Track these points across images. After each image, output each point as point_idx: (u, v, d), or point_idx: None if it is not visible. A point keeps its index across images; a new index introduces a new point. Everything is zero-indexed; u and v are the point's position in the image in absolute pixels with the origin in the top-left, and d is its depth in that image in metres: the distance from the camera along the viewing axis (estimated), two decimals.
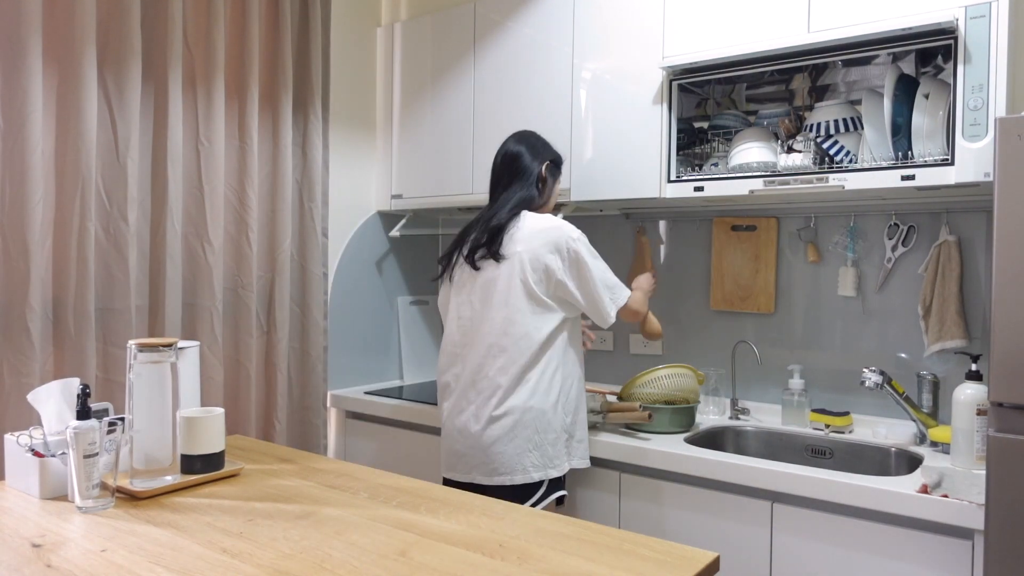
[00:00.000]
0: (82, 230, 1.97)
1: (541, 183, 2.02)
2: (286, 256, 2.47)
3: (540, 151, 2.04)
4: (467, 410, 1.91)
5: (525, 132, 2.09)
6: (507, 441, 1.85)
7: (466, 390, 1.92)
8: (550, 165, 2.04)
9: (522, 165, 2.00)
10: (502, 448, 1.85)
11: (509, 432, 1.85)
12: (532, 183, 2.00)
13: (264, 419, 2.46)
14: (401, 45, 2.83)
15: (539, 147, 2.05)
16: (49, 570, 1.12)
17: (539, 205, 2.03)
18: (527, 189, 1.99)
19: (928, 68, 2.02)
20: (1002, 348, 1.41)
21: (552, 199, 2.08)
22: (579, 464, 1.96)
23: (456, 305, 1.99)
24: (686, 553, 1.20)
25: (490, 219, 1.96)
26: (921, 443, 1.98)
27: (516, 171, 2.00)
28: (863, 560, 1.66)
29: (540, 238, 1.89)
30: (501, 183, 2.02)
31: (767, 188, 2.03)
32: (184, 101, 2.22)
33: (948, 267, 2.06)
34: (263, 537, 1.25)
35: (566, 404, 1.92)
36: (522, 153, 2.02)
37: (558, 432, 1.89)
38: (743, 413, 2.32)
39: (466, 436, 1.90)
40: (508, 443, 1.85)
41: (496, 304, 1.89)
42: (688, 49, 2.14)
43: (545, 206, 2.06)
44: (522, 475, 1.85)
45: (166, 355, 1.48)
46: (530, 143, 2.04)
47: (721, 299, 2.48)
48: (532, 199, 1.99)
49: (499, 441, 1.85)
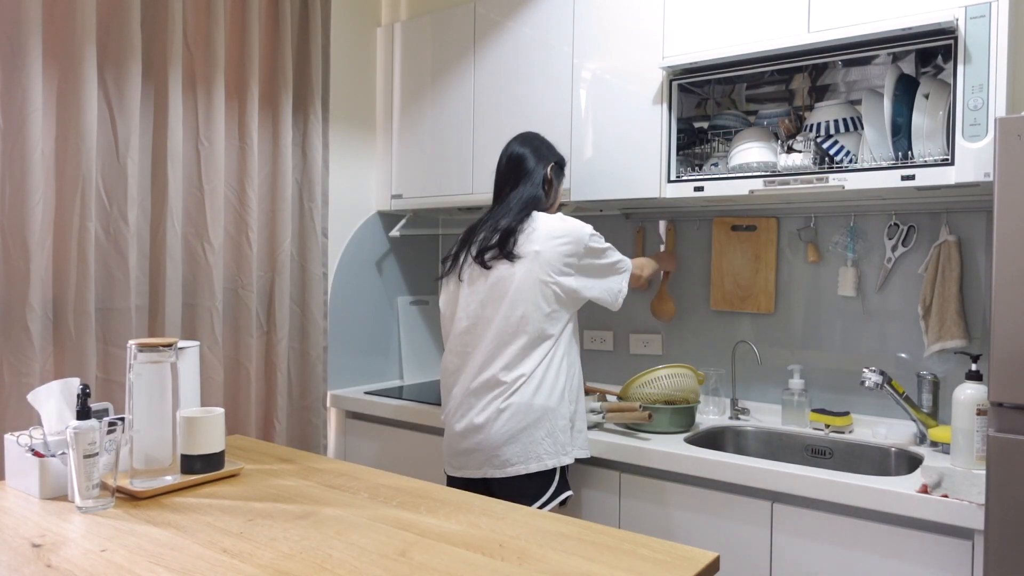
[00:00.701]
0: (82, 230, 1.97)
1: (547, 184, 2.04)
2: (286, 256, 2.47)
3: (544, 153, 2.05)
4: (476, 406, 1.91)
5: (529, 134, 2.10)
6: (520, 432, 1.86)
7: (476, 387, 1.92)
8: (555, 167, 2.06)
9: (528, 167, 2.02)
10: (515, 439, 1.86)
11: (521, 423, 1.86)
12: (538, 184, 2.02)
13: (264, 419, 2.46)
14: (401, 45, 2.83)
15: (543, 149, 2.06)
16: (49, 570, 1.12)
17: (547, 206, 2.04)
18: (534, 190, 2.00)
19: (928, 68, 2.02)
20: (1002, 348, 1.41)
21: (558, 200, 2.11)
22: (581, 453, 1.98)
23: (465, 304, 1.99)
24: (686, 553, 1.20)
25: (499, 220, 1.96)
26: (921, 443, 1.98)
27: (522, 172, 2.02)
28: (863, 560, 1.66)
29: (559, 239, 1.91)
30: (508, 184, 2.03)
31: (767, 188, 2.03)
32: (184, 101, 2.22)
33: (948, 267, 2.06)
34: (263, 537, 1.25)
35: (570, 393, 1.94)
36: (527, 155, 2.03)
37: (566, 420, 1.92)
38: (743, 413, 2.32)
39: (476, 432, 1.90)
40: (521, 434, 1.86)
41: (509, 302, 1.90)
42: (688, 49, 2.14)
43: (552, 207, 2.07)
44: (537, 463, 1.87)
45: (166, 355, 1.48)
46: (534, 145, 2.05)
47: (721, 299, 2.48)
48: (540, 200, 2.01)
49: (512, 432, 1.87)
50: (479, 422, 1.89)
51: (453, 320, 2.02)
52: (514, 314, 1.89)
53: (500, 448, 1.87)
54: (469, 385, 1.93)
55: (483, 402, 1.90)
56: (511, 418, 1.87)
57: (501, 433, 1.87)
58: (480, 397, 1.91)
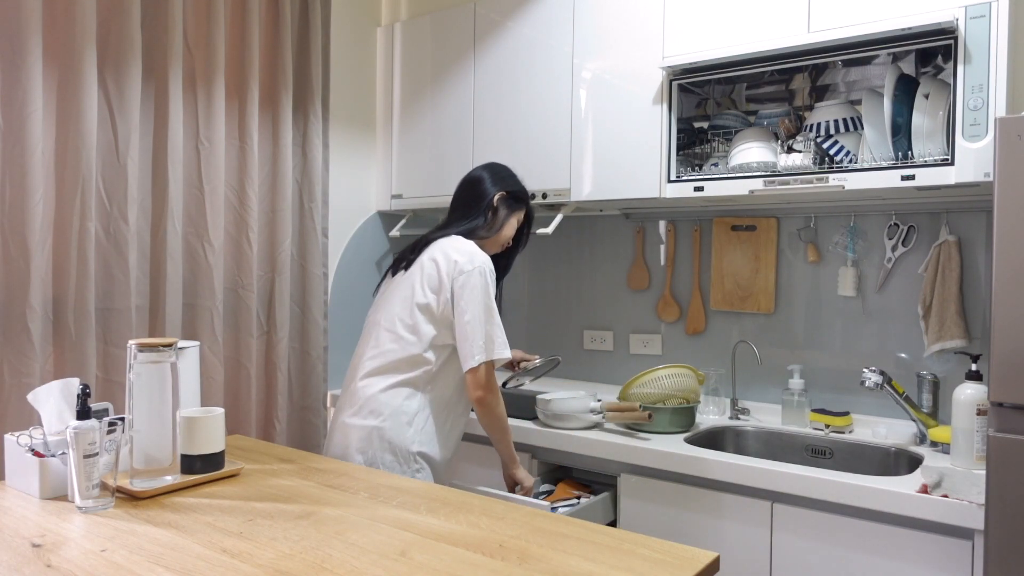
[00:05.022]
0: (82, 230, 1.97)
1: (492, 212, 1.93)
2: (286, 256, 2.47)
3: (503, 179, 1.96)
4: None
5: (496, 164, 2.03)
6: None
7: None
8: (505, 196, 1.94)
9: (478, 191, 1.94)
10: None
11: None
12: (482, 211, 1.92)
13: (264, 419, 2.46)
14: (401, 45, 2.83)
15: (503, 176, 1.97)
16: (49, 570, 1.12)
17: (483, 237, 1.92)
18: (473, 216, 1.92)
19: (928, 68, 2.02)
20: (1002, 348, 1.41)
21: (503, 233, 1.95)
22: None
23: (369, 315, 1.99)
24: (686, 553, 1.20)
25: (426, 234, 1.93)
26: (921, 443, 1.98)
27: (471, 197, 1.95)
28: (863, 560, 1.66)
29: (448, 255, 1.82)
30: (456, 205, 1.98)
31: (767, 188, 2.03)
32: (184, 101, 2.22)
33: (948, 267, 2.06)
34: (263, 537, 1.25)
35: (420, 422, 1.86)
36: (484, 179, 1.96)
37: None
38: (743, 413, 2.32)
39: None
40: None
41: (391, 311, 1.87)
42: (688, 49, 2.14)
43: (491, 239, 1.94)
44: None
45: (166, 355, 1.48)
46: (495, 171, 1.98)
47: (721, 299, 2.49)
48: (476, 228, 1.91)
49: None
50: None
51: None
52: (387, 319, 1.86)
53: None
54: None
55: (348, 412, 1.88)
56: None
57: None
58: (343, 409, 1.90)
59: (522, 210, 1.99)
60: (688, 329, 2.57)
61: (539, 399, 2.21)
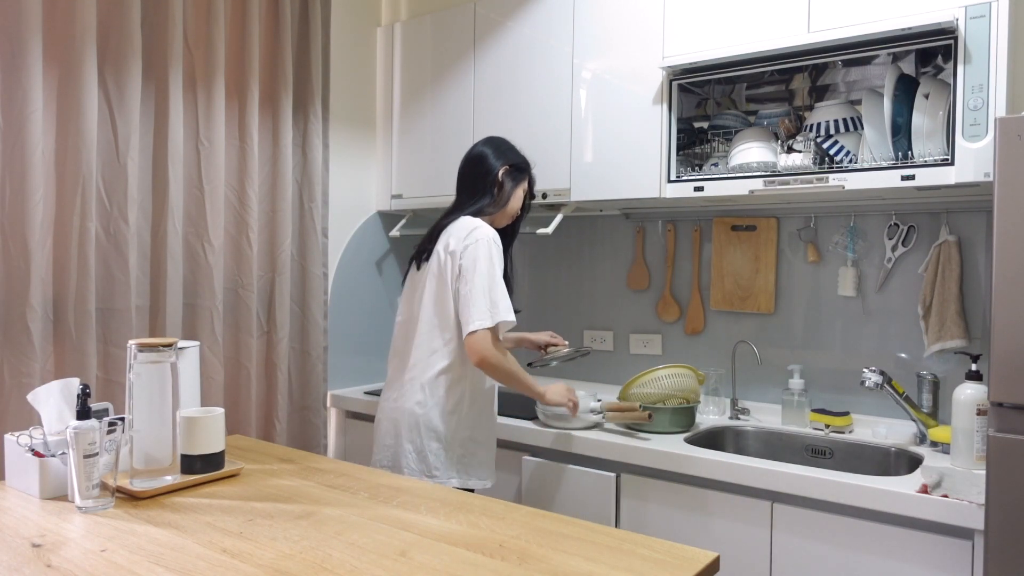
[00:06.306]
0: (82, 230, 1.97)
1: (498, 187, 1.96)
2: (286, 256, 2.47)
3: (504, 153, 1.99)
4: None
5: (494, 136, 2.06)
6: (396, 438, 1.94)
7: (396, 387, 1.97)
8: (510, 169, 1.97)
9: (483, 168, 1.97)
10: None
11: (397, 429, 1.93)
12: (489, 186, 1.96)
13: (264, 419, 2.46)
14: (401, 45, 2.83)
15: (504, 149, 2.00)
16: (49, 570, 1.12)
17: (492, 213, 1.96)
18: (480, 193, 1.96)
19: (928, 68, 2.02)
20: (1002, 348, 1.41)
21: (511, 204, 1.99)
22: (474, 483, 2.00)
23: (400, 306, 2.03)
24: (686, 553, 1.20)
25: (439, 220, 1.97)
26: (921, 443, 1.98)
27: (477, 174, 1.98)
28: (863, 560, 1.66)
29: (456, 237, 1.87)
30: (462, 185, 2.01)
31: (767, 188, 2.03)
32: (184, 101, 2.22)
33: (948, 267, 2.06)
34: (263, 537, 1.25)
35: (460, 413, 1.93)
36: (487, 154, 1.99)
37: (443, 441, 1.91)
38: (743, 413, 2.32)
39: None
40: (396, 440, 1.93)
41: (421, 303, 1.92)
42: (688, 49, 2.14)
43: (500, 213, 1.98)
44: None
45: (166, 355, 1.48)
46: (496, 145, 2.01)
47: (721, 299, 2.49)
48: (484, 206, 1.95)
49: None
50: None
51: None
52: (426, 315, 1.91)
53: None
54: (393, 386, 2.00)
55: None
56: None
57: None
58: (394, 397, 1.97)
59: (525, 179, 2.04)
60: (688, 329, 2.57)
61: None
